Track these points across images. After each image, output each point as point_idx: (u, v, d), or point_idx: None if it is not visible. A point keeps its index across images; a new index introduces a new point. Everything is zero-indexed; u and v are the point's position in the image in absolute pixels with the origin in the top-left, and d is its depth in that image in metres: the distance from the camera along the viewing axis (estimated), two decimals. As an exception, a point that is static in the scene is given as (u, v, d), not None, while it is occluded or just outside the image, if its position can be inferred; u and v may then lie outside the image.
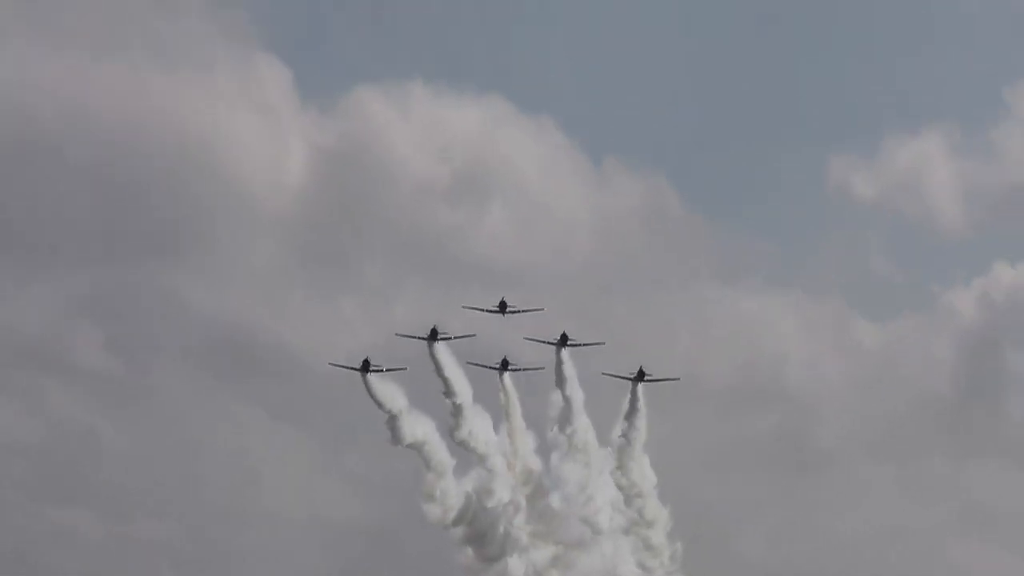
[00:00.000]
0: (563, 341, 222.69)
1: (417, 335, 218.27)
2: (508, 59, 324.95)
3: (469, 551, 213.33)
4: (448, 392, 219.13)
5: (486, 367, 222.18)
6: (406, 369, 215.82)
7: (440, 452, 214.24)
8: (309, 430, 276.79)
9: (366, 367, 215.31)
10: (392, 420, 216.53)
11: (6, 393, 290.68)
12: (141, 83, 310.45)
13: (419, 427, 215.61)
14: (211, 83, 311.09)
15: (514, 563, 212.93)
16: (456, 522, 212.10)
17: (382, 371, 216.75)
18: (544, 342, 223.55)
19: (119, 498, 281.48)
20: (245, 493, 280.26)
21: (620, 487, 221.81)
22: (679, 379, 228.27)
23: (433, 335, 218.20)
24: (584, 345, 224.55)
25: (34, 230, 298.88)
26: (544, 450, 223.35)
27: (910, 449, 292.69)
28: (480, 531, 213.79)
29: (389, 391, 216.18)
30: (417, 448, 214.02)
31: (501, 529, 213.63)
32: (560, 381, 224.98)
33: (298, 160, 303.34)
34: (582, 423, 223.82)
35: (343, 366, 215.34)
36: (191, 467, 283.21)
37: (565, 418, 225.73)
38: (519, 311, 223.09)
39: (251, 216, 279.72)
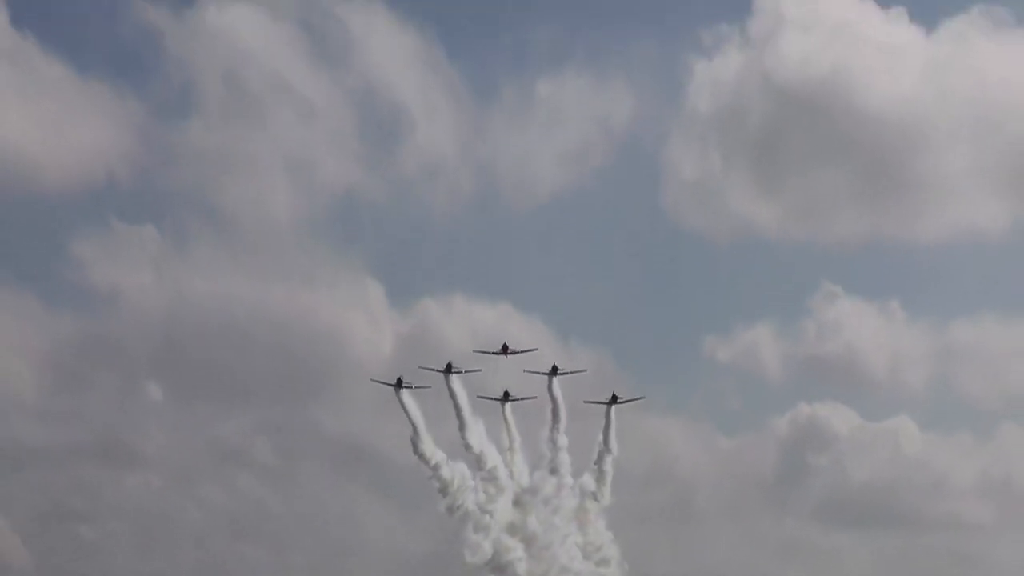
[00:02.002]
0: (553, 371, 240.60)
1: (436, 368, 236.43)
2: (510, 281, 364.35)
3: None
4: (479, 462, 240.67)
5: (491, 399, 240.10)
6: (430, 387, 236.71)
7: (485, 519, 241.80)
8: (394, 501, 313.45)
9: (399, 384, 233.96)
10: (416, 436, 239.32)
11: (214, 480, 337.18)
12: (294, 293, 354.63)
13: (470, 498, 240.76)
14: (335, 295, 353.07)
15: None
16: (486, 565, 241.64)
17: (411, 388, 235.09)
18: (538, 373, 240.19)
19: (279, 541, 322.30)
20: (353, 537, 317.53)
21: (578, 546, 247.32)
22: (644, 398, 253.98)
23: (448, 369, 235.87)
24: (570, 373, 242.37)
25: (233, 380, 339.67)
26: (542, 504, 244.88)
27: (749, 512, 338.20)
28: (500, 568, 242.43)
29: (458, 475, 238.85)
30: (471, 517, 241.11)
31: (514, 568, 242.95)
32: (552, 404, 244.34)
33: (387, 342, 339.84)
34: (568, 497, 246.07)
35: (381, 382, 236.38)
36: (322, 523, 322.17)
37: (553, 441, 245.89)
38: (518, 352, 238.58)
39: (360, 374, 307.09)
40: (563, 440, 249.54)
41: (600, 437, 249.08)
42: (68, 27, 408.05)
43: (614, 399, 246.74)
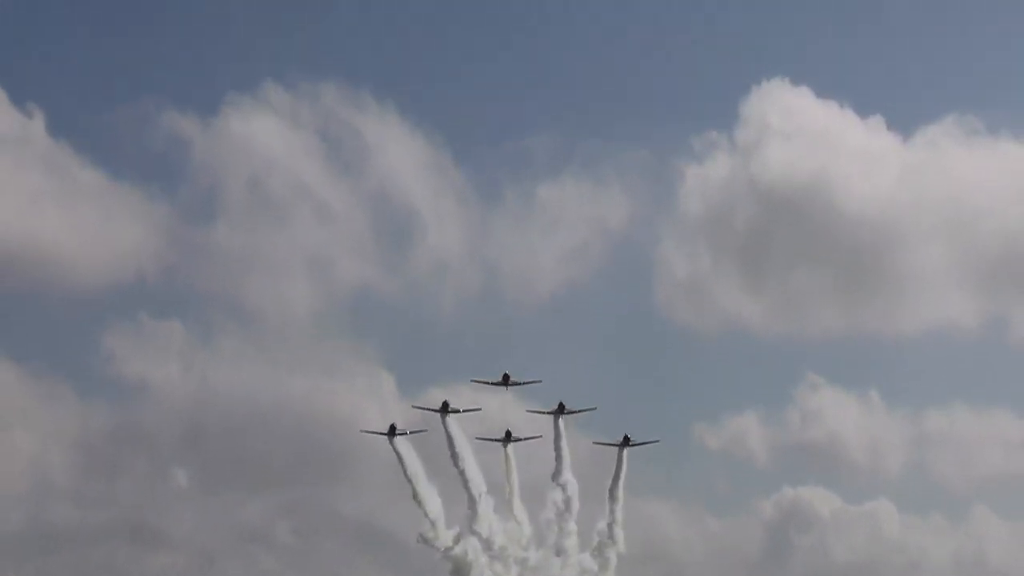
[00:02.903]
0: (560, 410, 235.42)
1: (431, 408, 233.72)
2: (512, 372, 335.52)
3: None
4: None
5: (492, 440, 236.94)
6: (426, 431, 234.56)
7: None
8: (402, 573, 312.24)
9: (392, 431, 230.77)
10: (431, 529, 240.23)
11: (237, 560, 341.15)
12: (312, 383, 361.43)
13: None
14: (350, 385, 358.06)
15: None
16: None
17: (406, 434, 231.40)
18: (543, 412, 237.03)
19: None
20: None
21: None
22: (658, 441, 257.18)
23: (444, 408, 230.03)
24: (579, 412, 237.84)
25: (255, 466, 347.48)
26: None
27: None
28: None
29: (470, 550, 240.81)
30: None
31: None
32: (557, 448, 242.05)
33: (398, 425, 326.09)
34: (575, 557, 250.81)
35: (373, 432, 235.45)
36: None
37: (561, 527, 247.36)
38: (520, 383, 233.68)
39: (373, 456, 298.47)
40: (572, 526, 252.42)
41: (604, 525, 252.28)
42: (101, 135, 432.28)
43: (626, 441, 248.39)
